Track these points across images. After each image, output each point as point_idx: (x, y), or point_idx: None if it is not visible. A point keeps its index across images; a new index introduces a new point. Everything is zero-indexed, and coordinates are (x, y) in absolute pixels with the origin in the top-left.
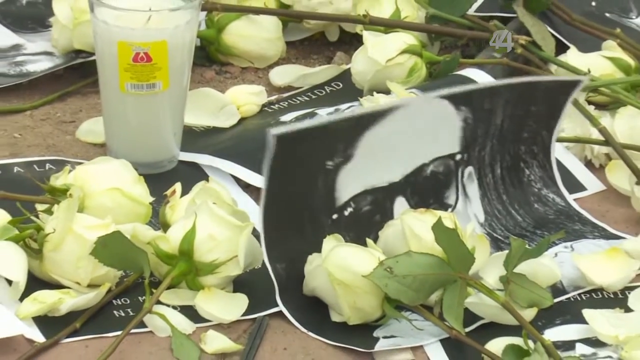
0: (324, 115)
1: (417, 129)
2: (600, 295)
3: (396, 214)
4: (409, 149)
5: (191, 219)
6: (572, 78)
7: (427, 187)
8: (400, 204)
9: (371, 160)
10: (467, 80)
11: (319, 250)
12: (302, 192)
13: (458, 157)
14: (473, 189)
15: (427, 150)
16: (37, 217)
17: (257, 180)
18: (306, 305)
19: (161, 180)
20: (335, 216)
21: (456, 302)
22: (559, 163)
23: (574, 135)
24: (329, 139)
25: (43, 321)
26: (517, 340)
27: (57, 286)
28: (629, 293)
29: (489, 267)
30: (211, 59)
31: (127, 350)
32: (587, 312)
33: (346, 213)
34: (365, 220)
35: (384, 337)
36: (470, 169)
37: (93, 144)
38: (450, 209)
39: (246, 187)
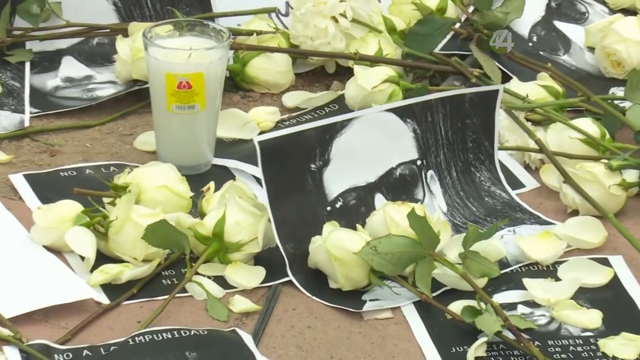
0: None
1: (377, 137)
2: (536, 268)
3: (377, 206)
4: (376, 155)
5: (222, 209)
6: (490, 88)
7: (398, 186)
8: (379, 199)
9: (346, 163)
10: None
11: (319, 233)
12: (296, 189)
13: (418, 162)
14: (436, 187)
15: (391, 157)
16: (103, 207)
17: None
18: (310, 275)
19: (199, 179)
20: (329, 208)
21: (425, 273)
22: (504, 166)
23: (516, 145)
24: (306, 144)
25: (108, 288)
26: (472, 303)
27: (119, 261)
28: (558, 266)
29: (451, 246)
30: (237, 86)
31: (172, 310)
32: (526, 281)
33: (337, 206)
34: (353, 211)
35: (370, 300)
36: (431, 172)
37: (147, 152)
38: (419, 203)
39: None
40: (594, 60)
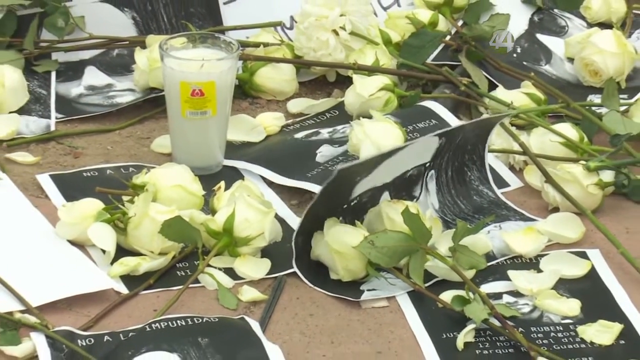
0: (340, 132)
1: (414, 153)
2: (520, 261)
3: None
4: (401, 163)
5: (232, 207)
6: (499, 115)
7: (404, 184)
8: (385, 197)
9: (380, 173)
10: (426, 109)
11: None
12: (332, 195)
13: (427, 164)
14: (432, 185)
15: (411, 162)
16: (123, 205)
17: (277, 179)
18: (312, 267)
19: (210, 179)
20: (345, 206)
21: (418, 265)
22: (490, 167)
23: (501, 147)
24: (366, 166)
25: (127, 279)
26: (461, 292)
27: (137, 254)
28: (540, 259)
29: (442, 240)
30: (246, 94)
31: (186, 299)
32: (511, 272)
33: (352, 204)
34: (362, 208)
35: (368, 290)
36: (432, 171)
37: (162, 154)
38: (415, 199)
39: (270, 184)
40: (573, 70)
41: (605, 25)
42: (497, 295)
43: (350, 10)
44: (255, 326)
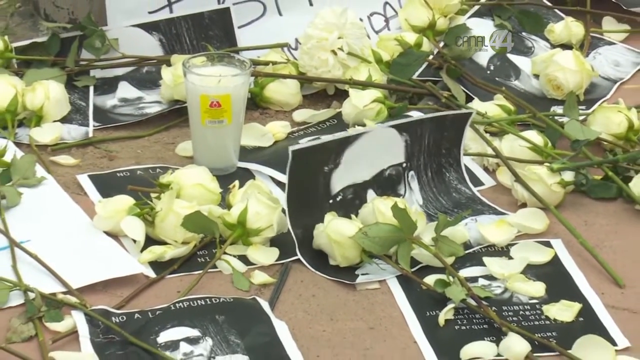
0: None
1: (378, 146)
2: (493, 249)
3: (369, 200)
4: (374, 160)
5: (245, 202)
6: (465, 111)
7: (387, 184)
8: (371, 194)
9: (350, 166)
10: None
11: (322, 221)
12: (310, 188)
13: (404, 165)
14: (415, 184)
15: (385, 161)
16: (151, 201)
17: (284, 178)
18: (315, 255)
19: (226, 179)
20: (331, 201)
21: (406, 253)
22: (467, 168)
23: (477, 151)
24: (326, 152)
25: (154, 265)
26: (442, 276)
27: (163, 243)
28: (510, 248)
29: (426, 231)
30: (257, 105)
31: (205, 282)
32: (485, 259)
33: (338, 199)
34: (350, 203)
35: (362, 274)
36: (412, 172)
37: (185, 157)
38: (401, 197)
39: (278, 183)
40: (538, 84)
41: (566, 46)
42: (474, 279)
43: (346, 34)
44: (265, 305)
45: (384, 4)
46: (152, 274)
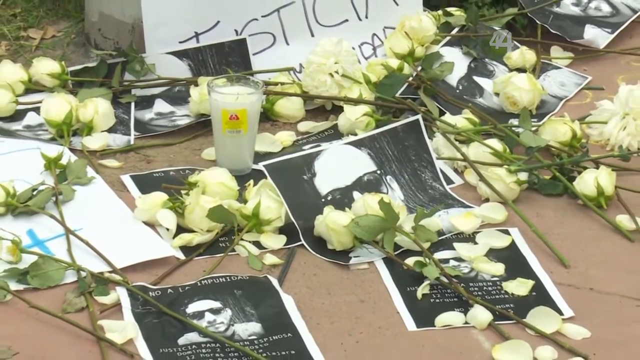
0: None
1: (344, 158)
2: (462, 236)
3: (356, 198)
4: (348, 168)
5: (258, 198)
6: (412, 118)
7: (369, 186)
8: (356, 195)
9: (328, 174)
10: None
11: (319, 214)
12: (298, 190)
13: (378, 172)
14: (395, 185)
15: (358, 169)
16: (181, 197)
17: None
18: (315, 240)
19: (243, 178)
20: (323, 200)
21: (390, 239)
22: (441, 169)
23: (448, 156)
24: (295, 165)
25: (184, 249)
26: (420, 259)
27: (191, 231)
28: (476, 235)
29: (406, 222)
30: (268, 118)
31: (226, 263)
32: (455, 244)
33: (329, 199)
34: (339, 202)
35: (354, 257)
36: (389, 177)
37: (209, 160)
38: (386, 194)
39: None
40: (498, 101)
41: (521, 70)
42: (446, 261)
43: (341, 60)
44: (275, 282)
45: (372, 35)
46: (182, 256)
